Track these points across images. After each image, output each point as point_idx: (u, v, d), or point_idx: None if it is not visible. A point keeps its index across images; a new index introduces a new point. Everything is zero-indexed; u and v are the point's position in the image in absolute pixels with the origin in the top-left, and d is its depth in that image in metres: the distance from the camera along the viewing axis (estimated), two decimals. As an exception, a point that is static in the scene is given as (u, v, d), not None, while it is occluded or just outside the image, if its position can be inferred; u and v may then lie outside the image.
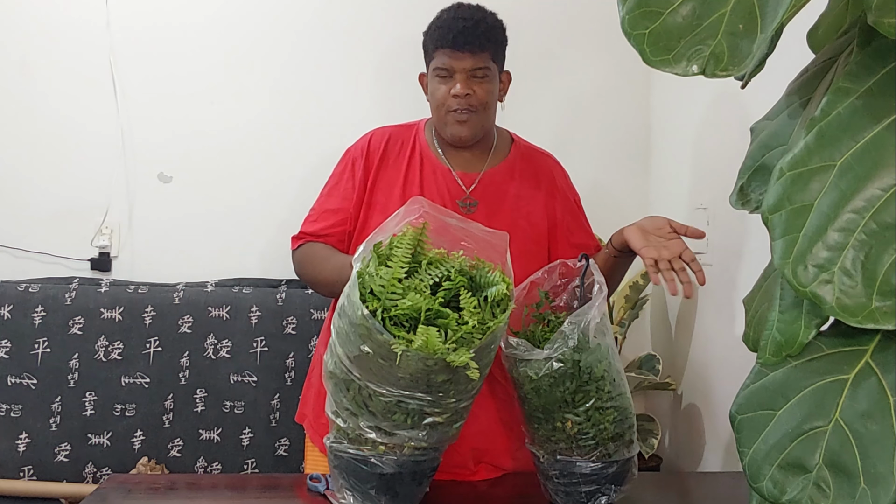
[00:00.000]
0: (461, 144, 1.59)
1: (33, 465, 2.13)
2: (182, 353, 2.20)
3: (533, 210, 1.60)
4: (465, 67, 1.52)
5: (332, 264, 1.50)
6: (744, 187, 1.04)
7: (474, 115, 1.54)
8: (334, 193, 1.62)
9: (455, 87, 1.52)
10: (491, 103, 1.57)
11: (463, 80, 1.52)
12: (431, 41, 1.56)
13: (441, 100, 1.55)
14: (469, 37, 1.51)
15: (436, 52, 1.55)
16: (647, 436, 2.07)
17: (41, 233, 2.35)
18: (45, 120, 2.35)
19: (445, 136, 1.59)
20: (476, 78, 1.53)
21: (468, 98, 1.52)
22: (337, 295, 1.61)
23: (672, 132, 2.41)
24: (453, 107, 1.53)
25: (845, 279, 0.71)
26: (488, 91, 1.55)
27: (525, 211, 1.60)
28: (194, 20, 2.41)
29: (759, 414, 0.81)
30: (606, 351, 1.27)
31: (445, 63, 1.53)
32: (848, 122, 0.73)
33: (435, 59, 1.55)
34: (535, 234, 1.59)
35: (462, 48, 1.51)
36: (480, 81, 1.53)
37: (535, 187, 1.62)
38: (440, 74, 1.54)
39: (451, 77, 1.53)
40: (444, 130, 1.58)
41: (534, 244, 1.58)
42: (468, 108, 1.53)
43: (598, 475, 1.27)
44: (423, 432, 1.18)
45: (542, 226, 1.60)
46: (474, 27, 1.52)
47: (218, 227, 2.41)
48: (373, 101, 2.42)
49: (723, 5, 0.77)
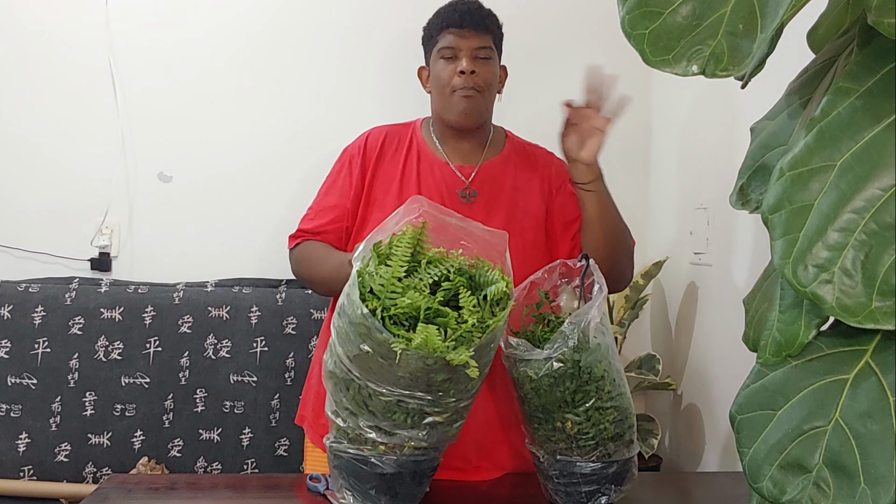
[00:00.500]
0: (464, 126, 1.59)
1: (33, 465, 2.13)
2: (182, 353, 2.20)
3: (530, 200, 1.62)
4: (471, 46, 1.56)
5: (329, 263, 1.51)
6: (744, 187, 1.04)
7: (479, 96, 1.56)
8: (332, 191, 1.63)
9: (462, 63, 1.55)
10: (493, 86, 1.60)
11: (469, 58, 1.56)
12: (437, 25, 1.61)
13: (447, 79, 1.57)
14: (475, 16, 1.57)
15: (440, 35, 1.59)
16: (647, 436, 2.07)
17: (41, 233, 2.35)
18: (45, 120, 2.36)
19: (450, 120, 1.59)
20: (480, 59, 1.56)
21: (474, 77, 1.55)
22: (335, 293, 1.61)
23: (672, 132, 2.41)
24: (459, 85, 1.55)
25: (845, 279, 0.71)
26: (492, 72, 1.58)
27: (523, 202, 1.61)
28: (194, 20, 2.41)
29: (759, 414, 0.81)
30: (606, 351, 1.27)
31: (451, 42, 1.57)
32: (848, 122, 0.73)
33: (440, 42, 1.59)
34: (533, 224, 1.60)
35: (468, 26, 1.56)
36: (484, 62, 1.57)
37: (530, 178, 1.64)
38: (445, 55, 1.57)
39: (457, 57, 1.56)
40: (448, 112, 1.58)
41: (532, 233, 1.59)
42: (473, 87, 1.55)
43: (598, 475, 1.27)
44: (423, 432, 1.18)
45: (540, 215, 1.62)
46: (478, 9, 1.59)
47: (218, 227, 2.41)
48: (374, 100, 2.42)
49: (723, 5, 0.77)
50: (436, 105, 1.62)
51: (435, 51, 1.60)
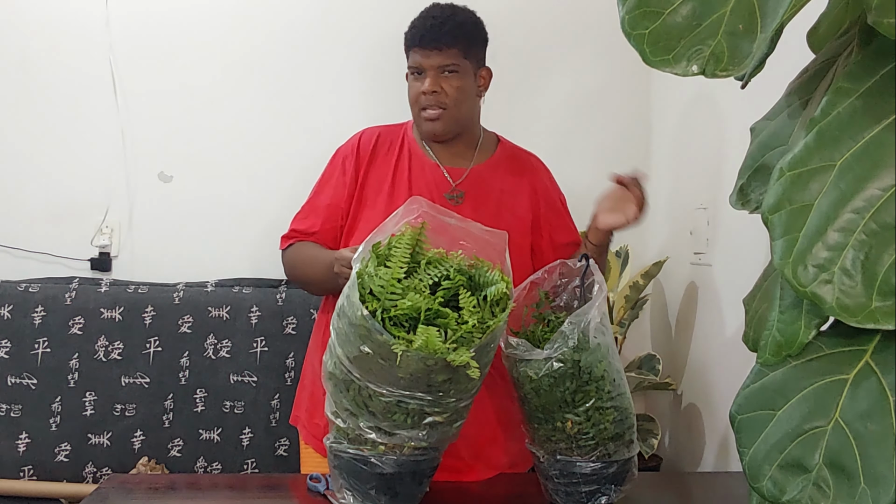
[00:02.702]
0: (436, 140, 1.63)
1: (33, 465, 2.12)
2: (182, 353, 2.20)
3: (517, 205, 1.64)
4: (433, 65, 1.57)
5: (320, 263, 1.52)
6: (744, 187, 1.04)
7: (445, 112, 1.59)
8: (325, 191, 1.65)
9: (424, 83, 1.57)
10: (463, 99, 1.60)
11: (432, 77, 1.57)
12: (406, 42, 1.63)
13: (413, 98, 1.61)
14: (436, 34, 1.57)
15: (409, 53, 1.62)
16: (647, 436, 2.06)
17: (41, 233, 2.34)
18: (45, 119, 2.35)
19: (421, 133, 1.64)
20: (446, 74, 1.57)
21: (437, 95, 1.57)
22: (328, 293, 1.62)
23: (672, 132, 2.41)
24: (424, 104, 1.59)
25: (845, 279, 0.71)
26: (458, 87, 1.59)
27: (510, 205, 1.64)
28: (194, 20, 2.41)
29: (758, 414, 0.81)
30: (606, 351, 1.27)
31: (416, 61, 1.59)
32: (848, 122, 0.73)
33: (409, 59, 1.62)
34: (519, 227, 1.62)
35: (429, 45, 1.57)
36: (449, 78, 1.58)
37: (519, 184, 1.66)
38: (412, 73, 1.61)
39: (422, 75, 1.59)
40: (419, 127, 1.63)
41: (518, 236, 1.60)
42: (438, 105, 1.58)
43: (598, 475, 1.27)
44: (423, 432, 1.18)
45: (526, 220, 1.64)
46: (440, 25, 1.58)
47: (218, 227, 2.41)
48: (376, 100, 2.41)
49: (723, 5, 0.77)
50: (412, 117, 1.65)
51: (407, 66, 1.63)
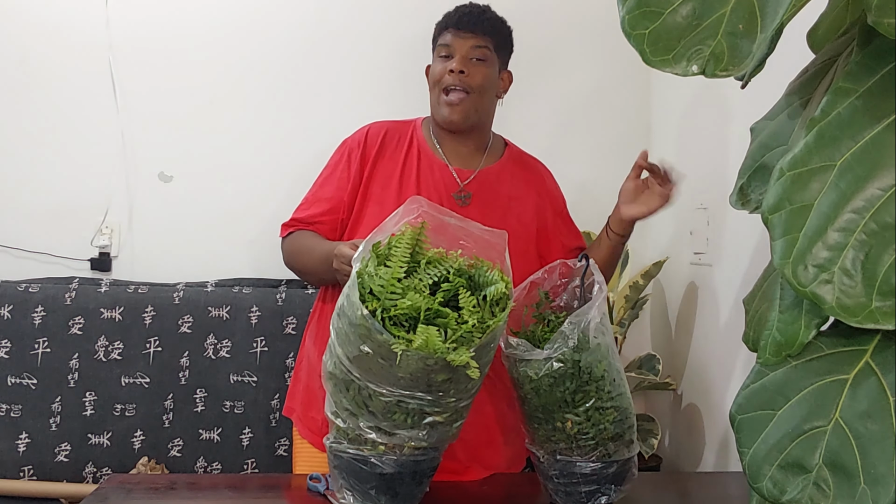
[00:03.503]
0: (453, 127, 1.61)
1: (33, 465, 2.12)
2: (182, 353, 2.20)
3: (524, 211, 1.64)
4: (466, 46, 1.57)
5: (318, 254, 1.51)
6: (744, 187, 1.04)
7: (467, 98, 1.57)
8: (329, 182, 1.64)
9: (453, 62, 1.57)
10: (487, 88, 1.60)
11: (462, 58, 1.57)
12: (440, 24, 1.64)
13: (438, 76, 1.59)
14: (475, 19, 1.59)
15: (441, 34, 1.62)
16: (647, 436, 2.06)
17: (41, 233, 2.34)
18: (45, 119, 2.35)
19: (438, 118, 1.61)
20: (475, 61, 1.57)
21: (463, 77, 1.56)
22: (324, 283, 1.63)
23: (672, 132, 2.41)
24: (448, 83, 1.57)
25: (845, 279, 0.71)
26: (485, 75, 1.58)
27: (517, 211, 1.63)
28: (194, 20, 2.41)
29: (759, 414, 0.81)
30: (606, 351, 1.27)
31: (448, 41, 1.59)
32: (848, 122, 0.73)
33: (439, 40, 1.62)
34: (525, 234, 1.62)
35: (465, 27, 1.58)
36: (478, 64, 1.57)
37: (526, 190, 1.66)
38: (441, 54, 1.60)
39: (451, 56, 1.58)
40: (438, 111, 1.61)
41: (524, 243, 1.60)
42: (463, 88, 1.56)
43: (598, 475, 1.27)
44: (423, 432, 1.18)
45: (532, 227, 1.64)
46: (481, 13, 1.61)
47: (218, 227, 2.41)
48: (375, 100, 2.41)
49: (723, 5, 0.77)
50: (430, 102, 1.64)
51: (435, 48, 1.63)
